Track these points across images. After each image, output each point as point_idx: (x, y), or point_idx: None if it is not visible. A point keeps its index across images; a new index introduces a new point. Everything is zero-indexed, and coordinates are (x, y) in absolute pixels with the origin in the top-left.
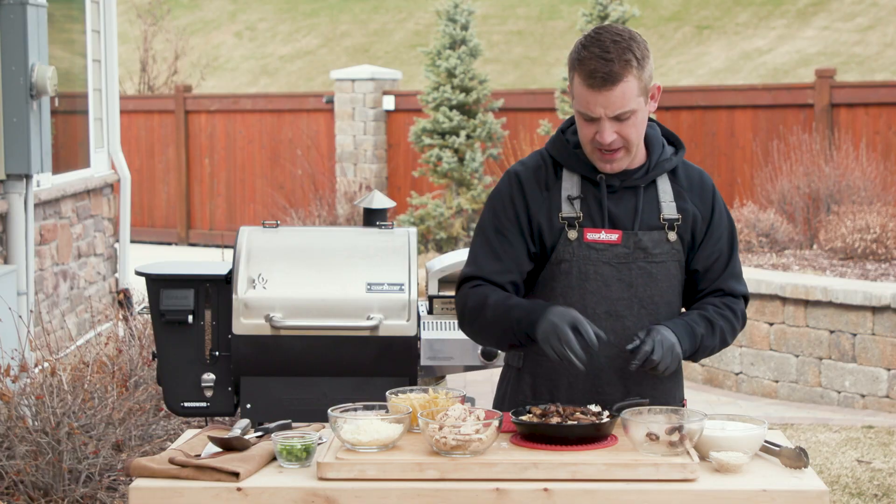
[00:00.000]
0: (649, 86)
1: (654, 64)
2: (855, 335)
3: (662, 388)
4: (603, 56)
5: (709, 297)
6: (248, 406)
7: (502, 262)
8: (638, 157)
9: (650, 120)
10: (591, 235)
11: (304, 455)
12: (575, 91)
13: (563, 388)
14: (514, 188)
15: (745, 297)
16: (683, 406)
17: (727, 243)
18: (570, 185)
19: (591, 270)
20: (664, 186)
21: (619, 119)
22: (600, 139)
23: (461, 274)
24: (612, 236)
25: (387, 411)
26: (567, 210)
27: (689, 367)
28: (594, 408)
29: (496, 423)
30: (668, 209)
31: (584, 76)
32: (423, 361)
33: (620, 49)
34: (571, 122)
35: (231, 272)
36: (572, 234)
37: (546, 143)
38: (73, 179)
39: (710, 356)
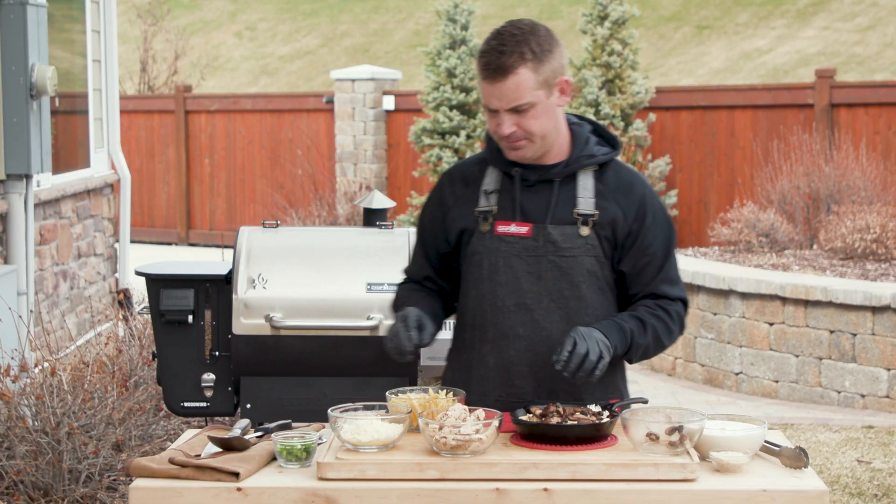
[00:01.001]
0: (554, 79)
1: (564, 58)
2: (855, 335)
3: (572, 381)
4: (498, 49)
5: (643, 299)
6: (248, 406)
7: (418, 261)
8: (559, 151)
9: (583, 118)
10: (502, 228)
11: (304, 455)
12: (479, 83)
13: (475, 380)
14: (437, 190)
15: (683, 301)
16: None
17: (661, 249)
18: (490, 179)
19: (500, 262)
20: (585, 183)
21: (517, 111)
22: (500, 131)
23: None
24: (522, 229)
25: (387, 411)
26: (483, 204)
27: (688, 368)
28: (594, 408)
29: (496, 423)
30: (585, 205)
31: (480, 68)
32: (423, 361)
33: (516, 42)
34: None
35: (231, 272)
36: (484, 227)
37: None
38: (73, 179)
39: (650, 358)
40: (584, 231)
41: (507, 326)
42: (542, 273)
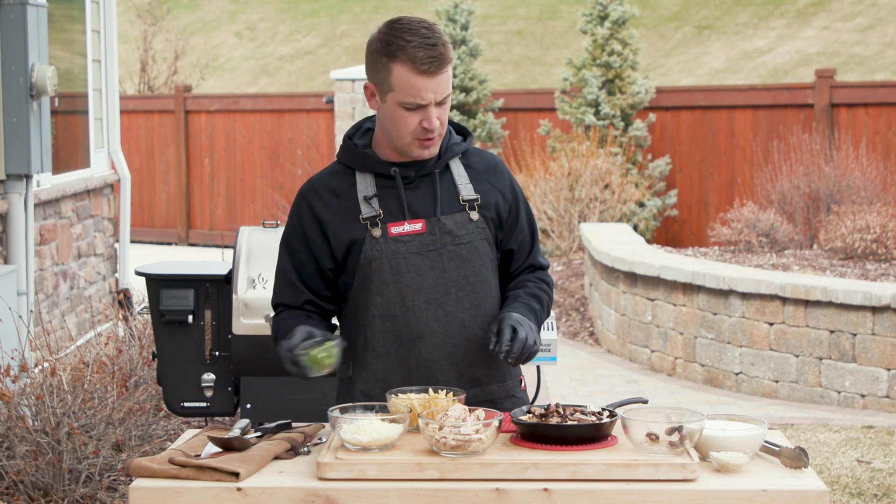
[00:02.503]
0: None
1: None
2: (855, 335)
3: (495, 367)
4: (431, 41)
5: (522, 273)
6: (248, 406)
7: (295, 286)
8: None
9: None
10: (395, 229)
11: (329, 361)
12: (397, 82)
13: (396, 383)
14: (302, 208)
15: (547, 268)
16: (521, 384)
17: (527, 221)
18: (364, 185)
19: (402, 263)
20: (458, 170)
21: (441, 103)
22: (428, 125)
23: (271, 301)
24: (416, 226)
25: (387, 411)
26: (366, 210)
27: (688, 368)
28: (594, 408)
29: (496, 423)
30: (466, 190)
31: (413, 64)
32: None
33: (436, 33)
34: (357, 127)
35: (231, 272)
36: (376, 232)
37: (336, 154)
38: (73, 179)
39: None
40: (474, 216)
41: (420, 325)
42: (445, 265)
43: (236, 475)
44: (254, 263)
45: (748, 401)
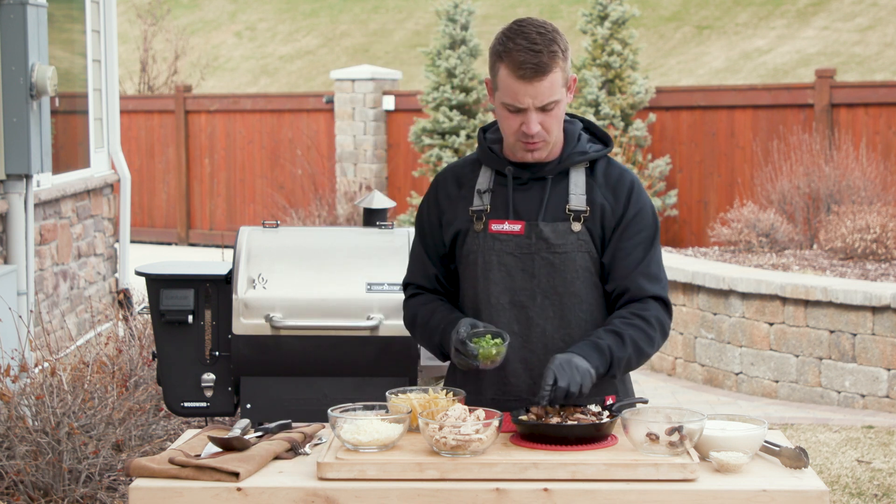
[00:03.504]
0: (570, 77)
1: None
2: (855, 335)
3: None
4: (531, 48)
5: (622, 301)
6: (248, 406)
7: (422, 265)
8: (554, 150)
9: (574, 117)
10: (496, 226)
11: (499, 358)
12: (501, 83)
13: (472, 379)
14: (432, 192)
15: (661, 300)
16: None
17: (643, 243)
18: (483, 179)
19: (494, 260)
20: (577, 179)
21: (544, 110)
22: (527, 130)
23: (402, 280)
24: (516, 227)
25: (387, 411)
26: (477, 203)
27: (688, 368)
28: (594, 408)
29: (496, 423)
30: (577, 201)
31: (513, 67)
32: (423, 361)
33: (547, 40)
34: (493, 123)
35: (231, 272)
36: (478, 226)
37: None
38: (73, 179)
39: (634, 368)
40: (576, 227)
41: (501, 324)
42: (536, 270)
43: (236, 475)
44: (254, 263)
45: (748, 401)
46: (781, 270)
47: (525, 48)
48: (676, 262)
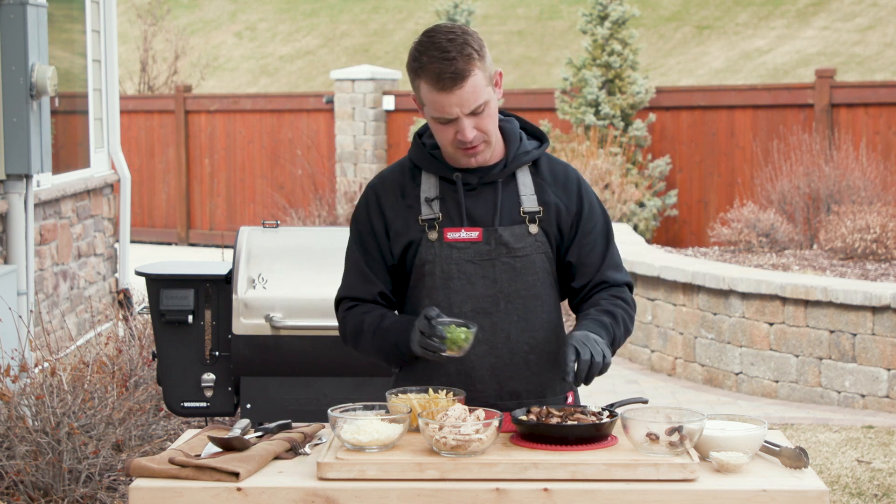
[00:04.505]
0: (492, 73)
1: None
2: (855, 335)
3: (536, 383)
4: (444, 57)
5: (594, 292)
6: (248, 406)
7: (367, 278)
8: (496, 152)
9: (509, 115)
10: (452, 234)
11: (466, 345)
12: (425, 98)
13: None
14: (370, 202)
15: (629, 285)
16: (567, 400)
17: (601, 234)
18: (427, 186)
19: (454, 269)
20: (524, 180)
21: (475, 114)
22: (462, 137)
23: (336, 295)
24: (473, 234)
25: (387, 411)
26: (426, 212)
27: (688, 368)
28: (594, 408)
29: (496, 423)
30: (529, 202)
31: (432, 80)
32: None
33: (458, 45)
34: (427, 126)
35: (231, 272)
36: (432, 235)
37: (408, 151)
38: (73, 179)
39: (622, 346)
40: (533, 229)
41: None
42: (497, 276)
43: (236, 475)
44: (254, 263)
45: (748, 401)
46: (781, 270)
47: (438, 58)
48: (676, 262)
